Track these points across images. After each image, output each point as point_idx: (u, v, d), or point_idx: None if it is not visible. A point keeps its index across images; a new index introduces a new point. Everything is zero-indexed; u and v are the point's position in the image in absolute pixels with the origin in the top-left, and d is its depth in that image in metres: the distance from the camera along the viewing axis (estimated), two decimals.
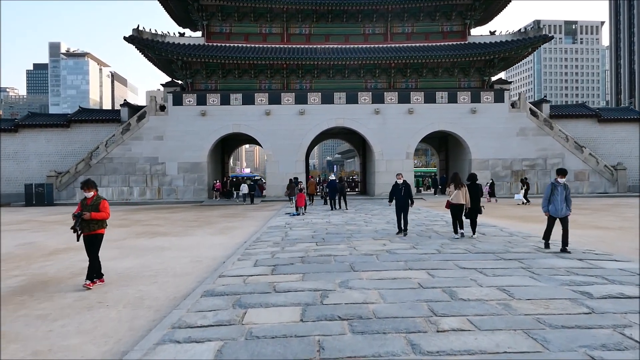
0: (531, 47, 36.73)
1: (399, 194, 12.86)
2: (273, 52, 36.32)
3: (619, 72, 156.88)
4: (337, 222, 16.92)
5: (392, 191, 13.35)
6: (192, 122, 36.28)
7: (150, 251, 11.28)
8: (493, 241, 11.17)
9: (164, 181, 36.22)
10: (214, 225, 17.82)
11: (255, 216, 21.87)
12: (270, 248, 10.57)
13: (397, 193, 12.95)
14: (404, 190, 12.86)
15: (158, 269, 8.97)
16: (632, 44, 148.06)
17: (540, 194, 36.72)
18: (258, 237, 12.78)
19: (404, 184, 13.02)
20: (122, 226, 17.97)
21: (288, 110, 36.61)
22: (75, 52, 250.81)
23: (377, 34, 39.03)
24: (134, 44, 35.04)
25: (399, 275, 7.31)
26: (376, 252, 9.67)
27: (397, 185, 13.10)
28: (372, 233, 13.18)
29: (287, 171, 35.61)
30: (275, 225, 16.28)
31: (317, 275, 7.37)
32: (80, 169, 35.84)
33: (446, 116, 36.94)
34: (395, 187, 13.20)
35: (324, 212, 21.65)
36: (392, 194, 13.39)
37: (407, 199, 12.87)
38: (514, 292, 6.11)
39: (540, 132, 37.26)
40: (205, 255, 10.46)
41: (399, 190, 12.90)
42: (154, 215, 23.22)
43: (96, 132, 38.72)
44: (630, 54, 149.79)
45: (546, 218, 10.02)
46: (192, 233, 15.16)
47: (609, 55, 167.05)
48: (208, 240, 13.38)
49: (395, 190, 13.14)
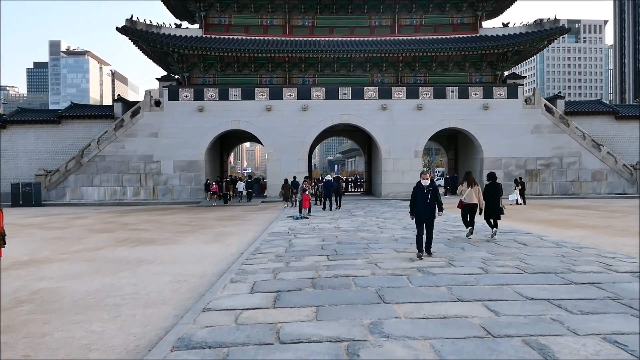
0: (547, 39, 34.70)
1: (423, 200, 9.32)
2: (274, 44, 34.35)
3: (623, 71, 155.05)
4: (347, 227, 14.94)
5: (414, 196, 9.51)
6: (189, 118, 34.32)
7: (127, 265, 9.32)
8: (542, 254, 9.21)
9: (159, 180, 34.28)
10: (208, 230, 15.87)
11: (255, 219, 19.90)
12: (272, 263, 8.61)
13: (420, 198, 9.36)
14: (431, 194, 9.32)
15: (128, 293, 7.02)
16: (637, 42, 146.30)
17: (556, 195, 34.79)
18: (257, 247, 10.83)
19: (430, 187, 9.39)
20: (105, 231, 16.03)
21: (290, 105, 34.64)
22: (76, 51, 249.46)
23: (383, 26, 37.04)
24: (127, 34, 33.07)
25: (449, 310, 5.34)
26: (405, 270, 7.69)
27: (420, 188, 9.42)
28: (391, 243, 11.18)
29: (288, 170, 33.62)
30: (277, 231, 14.32)
31: (336, 311, 5.40)
32: (70, 168, 33.92)
33: (457, 112, 34.96)
34: (418, 191, 9.45)
35: (330, 216, 19.68)
36: (414, 201, 9.52)
37: (433, 207, 9.40)
38: (632, 347, 4.16)
39: (556, 129, 35.28)
40: (192, 272, 8.51)
41: (423, 195, 9.32)
42: (144, 218, 21.27)
43: (88, 129, 36.83)
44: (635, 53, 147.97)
45: (570, 221, 8.00)
46: (182, 240, 13.20)
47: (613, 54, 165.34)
48: (199, 249, 11.43)
49: (418, 194, 9.43)
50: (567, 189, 35.19)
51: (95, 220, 20.63)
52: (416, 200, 9.43)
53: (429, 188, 9.40)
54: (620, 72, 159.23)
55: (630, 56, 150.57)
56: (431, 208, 9.37)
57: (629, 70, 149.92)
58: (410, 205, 9.68)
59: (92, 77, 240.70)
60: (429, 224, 9.40)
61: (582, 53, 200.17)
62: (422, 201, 9.32)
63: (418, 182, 9.49)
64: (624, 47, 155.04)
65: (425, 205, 9.32)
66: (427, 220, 9.35)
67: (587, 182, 35.30)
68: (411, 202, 9.65)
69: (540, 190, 35.06)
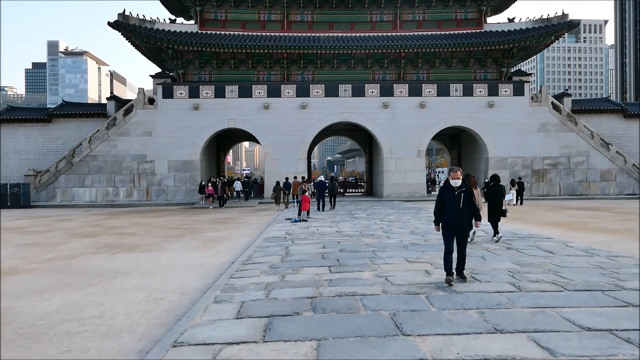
0: (555, 35, 33.53)
1: (453, 206, 6.96)
2: (272, 40, 33.15)
3: (624, 71, 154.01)
4: (349, 231, 13.73)
5: (441, 200, 7.17)
6: (184, 116, 33.12)
7: (100, 278, 8.12)
8: (576, 265, 8.01)
9: (152, 181, 33.06)
10: (198, 234, 14.66)
11: (250, 222, 18.70)
12: (265, 277, 7.40)
13: (449, 203, 7.00)
14: (464, 197, 6.97)
15: (90, 316, 5.82)
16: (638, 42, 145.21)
17: (563, 195, 33.62)
18: (250, 255, 9.63)
19: (463, 187, 7.04)
20: (88, 235, 14.82)
21: (289, 103, 33.44)
22: (74, 51, 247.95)
23: (385, 22, 35.84)
24: (119, 30, 31.86)
25: (489, 348, 4.12)
26: (422, 287, 6.47)
27: (449, 190, 7.09)
28: (400, 250, 9.94)
29: (287, 170, 32.44)
30: (274, 236, 13.11)
31: (343, 347, 4.18)
32: (61, 168, 32.72)
33: (461, 110, 33.78)
34: (446, 193, 7.13)
35: (331, 218, 18.47)
36: (440, 206, 7.18)
37: (466, 215, 7.10)
38: None
39: (564, 128, 34.11)
40: (172, 287, 7.31)
41: (453, 199, 6.97)
42: (134, 221, 20.07)
43: (80, 128, 35.65)
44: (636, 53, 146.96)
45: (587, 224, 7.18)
46: (169, 246, 12.00)
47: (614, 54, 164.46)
48: (185, 257, 10.23)
49: (446, 198, 7.09)
50: (575, 190, 34.01)
51: (82, 223, 19.43)
52: (443, 206, 7.09)
53: (460, 190, 6.99)
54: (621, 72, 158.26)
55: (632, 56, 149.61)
56: (464, 216, 7.01)
57: (630, 70, 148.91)
58: (435, 212, 7.25)
59: (91, 78, 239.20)
60: (461, 238, 7.07)
61: (582, 53, 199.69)
62: (451, 207, 6.96)
63: (446, 182, 7.24)
64: (625, 47, 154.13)
65: (456, 212, 6.93)
66: (458, 233, 7.03)
67: (595, 183, 34.12)
68: (436, 208, 7.25)
69: (547, 190, 33.89)
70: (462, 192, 7.02)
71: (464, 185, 7.11)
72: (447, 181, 7.25)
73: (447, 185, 7.16)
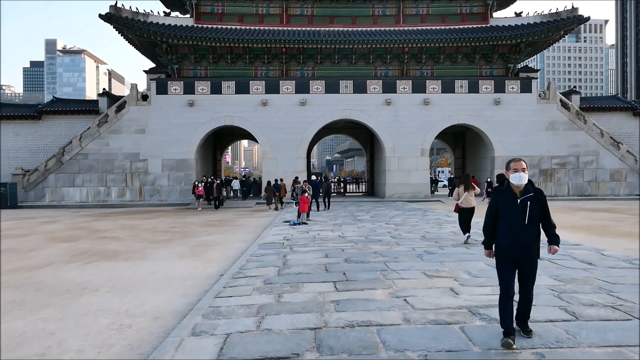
0: (564, 29, 32.29)
1: (514, 218, 4.49)
2: (271, 34, 31.87)
3: (625, 71, 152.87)
4: (353, 236, 12.45)
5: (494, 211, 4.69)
6: (179, 113, 31.81)
7: (62, 296, 6.85)
8: (628, 280, 6.73)
9: (146, 180, 31.75)
10: (188, 239, 13.39)
11: (246, 225, 17.42)
12: (257, 296, 6.13)
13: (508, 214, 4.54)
14: (531, 205, 4.48)
15: (31, 354, 4.55)
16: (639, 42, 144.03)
17: (572, 196, 32.38)
18: (242, 266, 8.36)
19: (530, 193, 4.53)
20: (69, 239, 13.54)
21: (287, 100, 32.15)
22: (72, 49, 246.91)
23: (387, 16, 34.56)
24: (111, 22, 30.54)
25: None
26: (452, 314, 5.15)
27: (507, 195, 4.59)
28: (414, 260, 8.62)
29: (285, 169, 31.20)
30: (270, 241, 11.85)
31: None
32: (50, 167, 31.40)
33: (466, 108, 32.51)
34: (502, 200, 4.62)
35: (332, 222, 17.18)
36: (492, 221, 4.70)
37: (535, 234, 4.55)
38: None
39: (572, 126, 32.86)
40: (145, 309, 6.04)
41: (515, 208, 4.50)
42: (122, 223, 18.79)
43: (71, 125, 34.28)
44: (637, 52, 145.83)
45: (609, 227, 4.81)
46: (152, 254, 10.73)
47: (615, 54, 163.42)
48: (168, 268, 8.96)
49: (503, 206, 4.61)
50: (584, 190, 32.78)
51: (66, 225, 18.16)
52: (499, 218, 4.59)
53: (526, 196, 4.47)
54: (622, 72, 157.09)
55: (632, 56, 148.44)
56: (532, 237, 4.47)
57: (631, 70, 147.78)
58: (485, 229, 4.75)
59: (89, 76, 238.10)
60: (528, 270, 4.54)
61: (582, 52, 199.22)
62: (511, 222, 4.45)
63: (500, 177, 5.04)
64: (626, 47, 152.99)
65: (519, 231, 4.42)
66: (523, 262, 4.50)
67: (605, 183, 32.89)
68: (486, 222, 4.73)
69: (555, 191, 32.63)
70: (529, 200, 4.43)
71: (531, 189, 4.49)
72: (501, 180, 4.78)
73: (503, 189, 4.55)
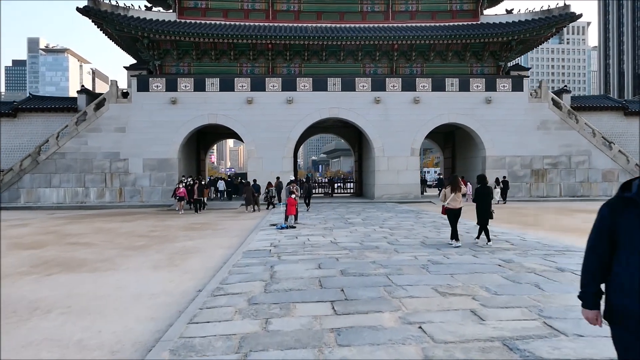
0: (556, 27, 31.69)
1: None
2: (256, 30, 30.78)
3: (607, 73, 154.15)
4: (347, 242, 11.45)
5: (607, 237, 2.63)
6: (161, 111, 30.59)
7: (8, 319, 5.76)
8: None
9: (126, 181, 30.46)
10: (166, 245, 12.29)
11: (230, 228, 16.34)
12: (240, 322, 5.09)
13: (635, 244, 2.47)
14: None
15: None
16: (622, 43, 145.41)
17: (564, 197, 31.79)
18: (224, 279, 7.32)
19: None
20: (34, 246, 12.35)
21: (273, 98, 31.10)
22: (55, 48, 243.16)
23: (376, 12, 33.67)
24: (89, 16, 29.24)
25: None
26: (482, 348, 4.13)
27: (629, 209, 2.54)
28: (420, 272, 7.56)
29: (271, 169, 30.17)
30: (256, 248, 10.81)
31: None
32: (25, 167, 29.97)
33: (457, 106, 31.76)
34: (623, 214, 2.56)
35: (322, 225, 16.16)
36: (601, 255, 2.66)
37: None
38: None
39: (564, 125, 32.28)
40: (102, 339, 4.97)
41: None
42: (97, 226, 17.59)
43: (48, 123, 32.93)
44: (619, 54, 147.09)
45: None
46: (124, 263, 9.63)
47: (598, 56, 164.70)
48: (139, 281, 7.89)
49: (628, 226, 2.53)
50: (576, 191, 32.22)
51: (36, 229, 16.91)
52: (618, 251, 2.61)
53: None
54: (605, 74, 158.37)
55: (615, 57, 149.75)
56: None
57: (614, 72, 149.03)
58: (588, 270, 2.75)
59: (72, 75, 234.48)
60: None
61: (565, 54, 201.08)
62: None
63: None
64: (609, 48, 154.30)
65: None
66: None
67: (597, 183, 32.36)
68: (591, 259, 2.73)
69: (547, 191, 32.04)
70: None
71: None
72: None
73: (629, 199, 2.58)
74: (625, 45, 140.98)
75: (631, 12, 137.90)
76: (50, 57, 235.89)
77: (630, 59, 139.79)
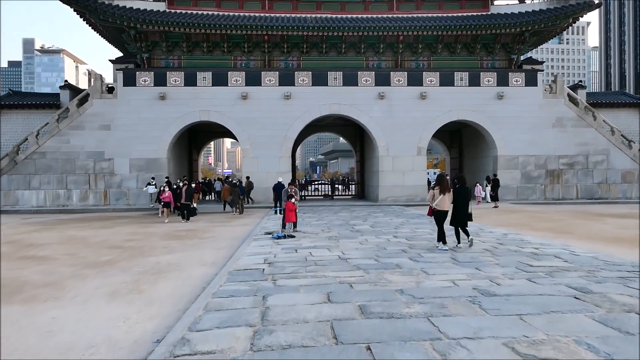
0: (572, 17, 29.59)
1: None
2: (251, 20, 28.61)
3: (609, 73, 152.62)
4: (358, 258, 9.26)
5: None
6: (149, 107, 28.41)
7: None
8: None
9: (111, 182, 28.27)
10: (137, 260, 10.10)
11: (219, 236, 14.15)
12: None
13: None
14: None
15: None
16: (623, 43, 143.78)
17: (581, 199, 29.68)
18: (194, 322, 5.15)
19: None
20: None
21: (270, 93, 28.92)
22: (51, 49, 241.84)
23: (379, 2, 31.52)
24: (70, 5, 27.11)
25: None
26: None
27: None
28: (471, 311, 5.33)
29: (268, 170, 28.06)
30: (245, 265, 8.63)
31: None
32: (3, 167, 27.80)
33: (467, 102, 29.62)
34: None
35: (325, 233, 13.95)
36: None
37: None
38: None
39: (581, 122, 30.18)
40: None
41: None
42: (69, 234, 15.39)
43: (29, 121, 30.87)
44: (621, 54, 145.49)
45: None
46: (73, 289, 7.45)
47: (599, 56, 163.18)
48: (80, 321, 5.72)
49: None
50: (594, 192, 30.10)
51: None
52: None
53: None
54: (606, 74, 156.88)
55: (616, 57, 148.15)
56: None
57: (615, 72, 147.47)
58: None
59: (68, 76, 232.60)
60: None
61: (565, 54, 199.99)
62: None
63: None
64: (610, 48, 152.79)
65: None
66: None
67: (616, 185, 30.24)
68: None
69: (563, 193, 29.93)
70: None
71: None
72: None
73: None
74: (626, 45, 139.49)
75: (632, 12, 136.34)
76: (46, 57, 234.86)
77: (631, 59, 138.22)
